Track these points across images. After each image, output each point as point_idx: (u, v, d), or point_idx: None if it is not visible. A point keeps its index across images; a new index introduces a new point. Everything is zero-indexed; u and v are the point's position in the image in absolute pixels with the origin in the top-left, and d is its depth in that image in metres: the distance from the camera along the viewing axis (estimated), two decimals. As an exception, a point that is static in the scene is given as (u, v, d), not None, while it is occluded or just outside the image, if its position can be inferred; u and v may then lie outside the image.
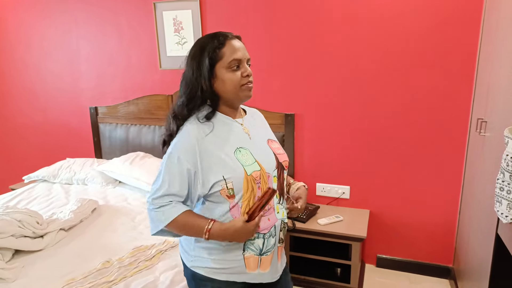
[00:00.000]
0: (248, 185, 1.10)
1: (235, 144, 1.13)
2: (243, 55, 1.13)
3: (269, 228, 1.15)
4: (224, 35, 1.13)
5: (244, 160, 1.11)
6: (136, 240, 1.88)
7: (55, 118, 3.34)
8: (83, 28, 3.02)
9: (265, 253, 1.17)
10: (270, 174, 1.15)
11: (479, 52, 2.13)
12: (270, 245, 1.17)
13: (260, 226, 1.12)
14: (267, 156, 1.17)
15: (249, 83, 1.14)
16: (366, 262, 2.70)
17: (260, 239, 1.15)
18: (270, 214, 1.15)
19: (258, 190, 1.12)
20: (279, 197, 1.18)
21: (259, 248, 1.16)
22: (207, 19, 2.66)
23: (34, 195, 2.55)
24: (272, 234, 1.16)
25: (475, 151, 2.07)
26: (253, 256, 1.16)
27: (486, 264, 1.61)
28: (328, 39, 2.40)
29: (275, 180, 1.16)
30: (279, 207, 1.17)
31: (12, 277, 1.57)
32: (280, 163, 1.19)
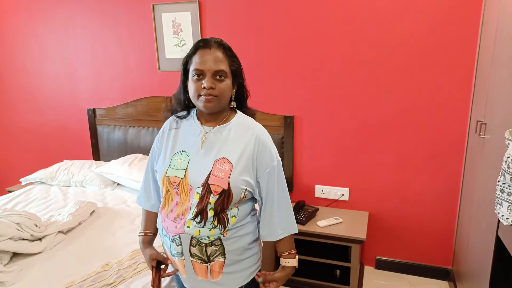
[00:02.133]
0: (164, 185, 1.18)
1: (182, 147, 1.20)
2: (208, 66, 1.11)
3: (173, 233, 1.17)
4: (198, 44, 1.16)
5: (175, 163, 1.18)
6: (135, 242, 1.87)
7: (53, 120, 3.32)
8: (81, 30, 3.01)
9: (173, 255, 1.21)
10: (192, 188, 1.14)
11: (478, 54, 2.14)
12: (176, 250, 1.19)
13: (168, 228, 1.18)
14: (199, 171, 1.14)
15: (205, 95, 1.12)
16: (365, 264, 2.69)
17: (166, 238, 1.21)
18: (179, 224, 1.15)
19: (176, 195, 1.16)
20: (195, 215, 1.12)
21: (167, 246, 1.22)
22: (206, 21, 2.66)
23: (32, 197, 2.53)
24: (176, 242, 1.17)
25: (474, 153, 2.08)
26: (168, 252, 1.24)
27: (486, 266, 1.61)
28: (327, 41, 2.41)
29: (197, 197, 1.13)
30: (191, 222, 1.13)
31: (11, 281, 1.55)
32: (208, 184, 1.12)
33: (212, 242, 1.16)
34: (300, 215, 2.42)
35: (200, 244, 1.16)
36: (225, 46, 1.16)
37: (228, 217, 1.16)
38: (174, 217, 1.17)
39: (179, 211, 1.16)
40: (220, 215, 1.14)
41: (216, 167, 1.14)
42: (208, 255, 1.17)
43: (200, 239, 1.15)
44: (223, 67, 1.13)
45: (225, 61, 1.14)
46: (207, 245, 1.16)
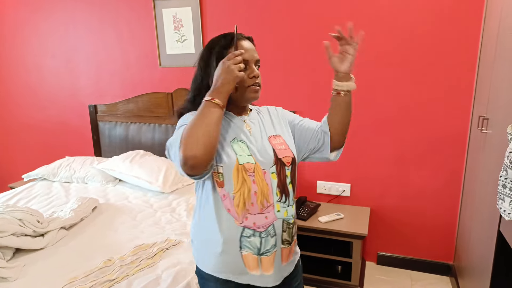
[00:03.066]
0: (239, 175, 1.08)
1: (233, 135, 1.13)
2: (251, 56, 1.11)
3: (265, 226, 1.11)
4: (231, 36, 1.13)
5: (239, 150, 1.10)
6: (137, 238, 1.87)
7: (54, 116, 3.32)
8: (82, 26, 3.00)
9: (264, 253, 1.12)
10: (266, 170, 1.11)
11: (480, 49, 2.13)
12: (270, 245, 1.12)
13: (256, 223, 1.10)
14: (264, 152, 1.13)
15: (256, 84, 1.12)
16: (367, 260, 2.70)
17: (257, 237, 1.11)
18: (269, 212, 1.11)
19: (253, 184, 1.08)
20: (280, 195, 1.12)
21: (256, 247, 1.12)
22: (207, 17, 2.65)
23: (34, 193, 2.54)
24: (270, 234, 1.12)
25: (476, 148, 2.07)
26: (251, 255, 1.12)
27: (488, 261, 1.61)
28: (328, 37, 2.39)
29: (274, 176, 1.12)
30: (280, 205, 1.12)
31: (13, 276, 1.56)
32: (279, 159, 1.14)
33: (294, 221, 1.19)
34: (302, 211, 2.43)
35: (289, 226, 1.17)
36: (249, 38, 1.18)
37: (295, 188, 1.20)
38: (259, 209, 1.10)
39: (261, 200, 1.10)
40: (295, 187, 1.18)
41: (273, 143, 1.17)
42: (293, 235, 1.19)
43: (288, 220, 1.16)
44: (258, 57, 1.16)
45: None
46: (292, 225, 1.18)
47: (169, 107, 2.89)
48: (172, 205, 2.29)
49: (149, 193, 2.46)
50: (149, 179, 2.47)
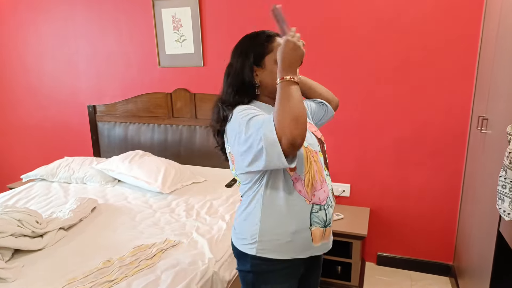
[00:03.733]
0: (307, 157, 1.17)
1: None
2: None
3: (325, 199, 1.21)
4: (271, 34, 1.22)
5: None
6: (136, 239, 1.87)
7: (54, 116, 3.32)
8: (81, 26, 3.00)
9: (328, 224, 1.23)
10: (316, 150, 1.22)
11: (480, 48, 2.13)
12: (331, 214, 1.24)
13: (320, 198, 1.20)
14: (309, 135, 1.23)
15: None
16: (367, 260, 2.70)
17: (322, 211, 1.21)
18: (324, 186, 1.21)
19: (314, 163, 1.19)
20: (327, 169, 1.27)
21: (323, 220, 1.22)
22: (206, 17, 2.65)
23: (33, 194, 2.53)
24: (329, 204, 1.23)
25: (476, 148, 2.07)
26: (318, 229, 1.21)
27: (488, 262, 1.61)
28: (328, 37, 2.39)
29: (320, 154, 1.23)
30: (327, 178, 1.25)
31: (12, 277, 1.55)
32: (319, 138, 1.28)
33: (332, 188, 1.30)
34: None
35: (333, 193, 1.29)
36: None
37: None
38: (320, 185, 1.20)
39: (319, 177, 1.21)
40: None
41: (308, 127, 1.25)
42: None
43: (331, 189, 1.28)
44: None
45: None
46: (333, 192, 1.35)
47: (168, 107, 2.88)
48: (171, 205, 2.28)
49: (148, 194, 2.46)
50: (148, 179, 2.46)
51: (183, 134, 2.89)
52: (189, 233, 1.92)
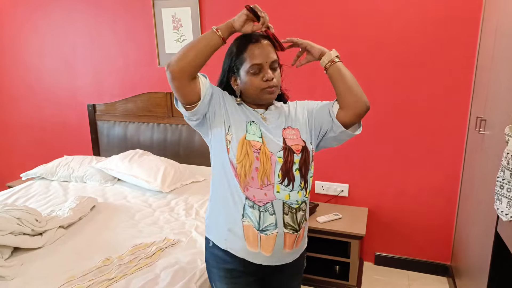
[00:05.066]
0: (243, 148, 1.16)
1: (250, 119, 1.22)
2: (264, 58, 1.17)
3: (264, 202, 1.16)
4: (248, 41, 1.19)
5: (250, 130, 1.19)
6: (135, 238, 1.87)
7: (53, 115, 3.32)
8: (80, 25, 3.00)
9: (264, 230, 1.17)
10: (273, 153, 1.17)
11: (478, 49, 2.14)
12: (268, 222, 1.17)
13: (255, 196, 1.16)
14: (273, 139, 1.20)
15: (269, 87, 1.18)
16: (365, 260, 2.71)
17: (256, 210, 1.16)
18: (268, 190, 1.16)
19: (256, 160, 1.15)
20: (282, 177, 1.17)
21: (256, 220, 1.17)
22: (206, 16, 2.65)
23: (32, 192, 2.53)
24: (268, 211, 1.16)
25: (474, 149, 2.08)
26: (252, 228, 1.17)
27: (485, 262, 1.62)
28: (327, 37, 2.40)
29: (280, 160, 1.18)
30: (280, 187, 1.17)
31: (11, 275, 1.55)
32: (288, 146, 1.20)
33: (300, 207, 1.20)
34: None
35: (291, 210, 1.18)
36: (269, 38, 1.21)
37: (309, 177, 1.23)
38: (259, 184, 1.16)
39: (262, 177, 1.16)
40: (306, 175, 1.20)
41: (285, 134, 1.22)
42: (298, 222, 1.20)
43: (290, 204, 1.18)
44: (275, 56, 1.20)
45: (273, 50, 1.21)
46: (297, 210, 1.20)
47: (167, 107, 2.89)
48: (171, 204, 2.29)
49: (148, 193, 2.47)
50: (148, 178, 2.47)
51: (182, 133, 2.90)
52: (188, 232, 1.93)
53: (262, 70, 1.17)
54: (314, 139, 1.27)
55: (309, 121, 1.27)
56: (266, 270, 1.24)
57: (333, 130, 1.23)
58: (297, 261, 1.30)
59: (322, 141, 1.28)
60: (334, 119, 1.21)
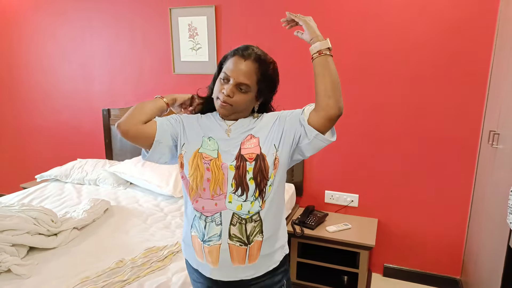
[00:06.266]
0: (193, 161, 1.17)
1: (209, 134, 1.22)
2: (235, 75, 1.15)
3: (213, 212, 1.15)
4: (238, 50, 1.20)
5: (206, 145, 1.20)
6: (148, 241, 1.90)
7: (68, 119, 3.39)
8: (98, 33, 3.08)
9: (207, 241, 1.16)
10: (225, 163, 1.16)
11: (492, 63, 2.15)
12: (213, 233, 1.15)
13: (204, 207, 1.16)
14: (231, 149, 1.18)
15: (222, 100, 1.17)
16: (373, 271, 2.70)
17: (202, 220, 1.16)
18: (220, 200, 1.15)
19: (207, 171, 1.15)
20: (235, 187, 1.14)
21: (201, 230, 1.17)
22: (222, 26, 2.71)
23: (47, 194, 2.58)
24: (215, 221, 1.15)
25: (486, 163, 2.08)
26: (197, 239, 1.19)
27: (497, 277, 1.61)
28: (341, 47, 2.43)
29: (231, 168, 1.15)
30: (232, 196, 1.14)
31: (27, 274, 1.59)
32: (241, 155, 1.16)
33: (252, 218, 1.15)
34: (310, 220, 2.44)
35: (241, 221, 1.15)
36: (262, 62, 1.18)
37: (267, 186, 1.16)
38: (211, 194, 1.15)
39: (214, 187, 1.15)
40: (261, 184, 1.15)
41: (244, 144, 1.18)
42: (248, 234, 1.15)
43: (240, 215, 1.15)
44: (248, 82, 1.15)
45: (254, 77, 1.16)
46: (247, 221, 1.15)
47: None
48: (182, 209, 2.31)
49: (160, 197, 2.50)
50: (160, 183, 2.50)
51: (194, 139, 2.93)
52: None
53: (228, 83, 1.16)
54: (285, 147, 1.18)
55: (279, 129, 1.19)
56: (228, 286, 1.21)
57: (306, 136, 1.15)
58: (265, 282, 1.22)
59: (297, 149, 1.19)
60: (305, 123, 1.14)
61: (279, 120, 1.21)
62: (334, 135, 1.18)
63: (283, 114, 1.23)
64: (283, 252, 1.26)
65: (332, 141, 1.16)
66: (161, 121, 1.24)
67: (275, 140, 1.18)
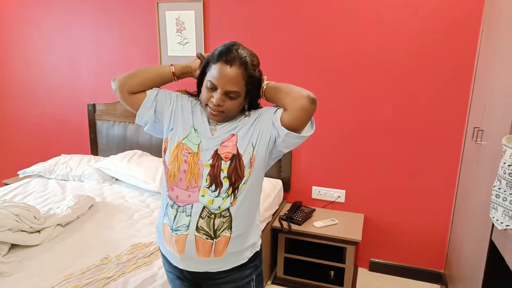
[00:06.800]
0: (174, 151, 1.19)
1: (197, 126, 1.23)
2: (222, 84, 1.12)
3: (185, 203, 1.17)
4: (221, 56, 1.13)
5: (192, 137, 1.21)
6: (133, 237, 1.88)
7: (53, 113, 3.32)
8: (85, 25, 3.02)
9: (175, 230, 1.17)
10: (202, 160, 1.17)
11: (477, 60, 2.18)
12: (182, 223, 1.16)
13: (178, 197, 1.18)
14: (210, 148, 1.19)
15: (212, 109, 1.16)
16: (359, 266, 2.73)
17: (174, 209, 1.18)
18: (193, 192, 1.16)
19: (184, 163, 1.17)
20: (209, 182, 1.16)
21: (171, 218, 1.19)
22: (210, 21, 2.68)
23: (30, 190, 2.53)
24: (186, 212, 1.16)
25: (470, 159, 2.12)
26: (167, 227, 1.20)
27: (479, 270, 1.65)
28: (329, 43, 2.44)
29: (207, 165, 1.17)
30: (206, 191, 1.16)
31: (9, 271, 1.55)
32: (217, 154, 1.17)
33: (221, 213, 1.16)
34: (297, 216, 2.45)
35: (210, 215, 1.16)
36: (247, 64, 1.14)
37: (241, 184, 1.17)
38: (186, 185, 1.17)
39: (190, 179, 1.17)
40: (235, 183, 1.15)
41: (223, 143, 1.19)
42: (215, 229, 1.16)
43: (210, 209, 1.16)
44: (237, 88, 1.14)
45: (241, 82, 1.14)
46: (216, 216, 1.16)
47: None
48: (169, 205, 2.29)
49: (146, 193, 2.47)
50: (146, 179, 2.47)
51: (182, 135, 2.91)
52: (186, 233, 1.93)
53: (215, 91, 1.14)
54: (262, 146, 1.19)
55: (257, 128, 1.20)
56: (194, 276, 1.23)
57: (279, 135, 1.16)
58: (232, 277, 1.23)
59: (274, 147, 1.20)
60: (277, 123, 1.16)
61: (259, 119, 1.22)
62: (313, 128, 1.20)
63: (263, 111, 1.24)
64: (254, 249, 1.26)
65: (307, 136, 1.17)
66: (150, 96, 1.26)
67: (253, 138, 1.19)
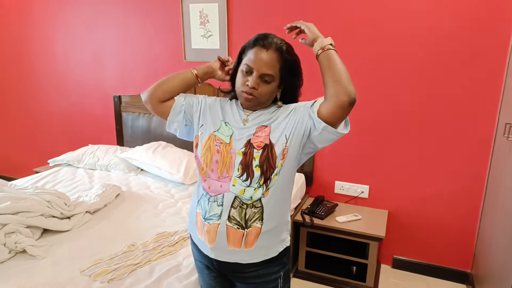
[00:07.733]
0: (207, 143, 1.22)
1: (228, 119, 1.26)
2: (258, 66, 1.15)
3: (217, 193, 1.19)
4: (258, 41, 1.18)
5: (222, 130, 1.23)
6: (159, 226, 1.92)
7: (80, 105, 3.41)
8: (109, 19, 3.08)
9: (208, 219, 1.19)
10: (235, 150, 1.19)
11: (509, 55, 2.10)
12: (213, 212, 1.18)
13: (210, 187, 1.20)
14: (242, 139, 1.20)
15: (247, 93, 1.17)
16: (382, 263, 2.69)
17: (206, 199, 1.21)
18: (225, 182, 1.18)
19: (217, 153, 1.19)
20: (241, 171, 1.16)
21: (204, 208, 1.21)
22: (233, 13, 2.68)
23: (59, 178, 2.62)
24: (217, 202, 1.18)
25: (501, 155, 2.05)
26: (200, 216, 1.23)
27: (509, 271, 1.60)
28: (353, 37, 2.40)
29: (239, 153, 1.18)
30: (237, 180, 1.16)
31: (42, 255, 1.62)
32: (250, 142, 1.18)
33: (253, 204, 1.17)
34: (319, 210, 2.44)
35: (242, 205, 1.17)
36: (282, 50, 1.17)
37: (273, 175, 1.17)
38: (217, 176, 1.19)
39: (222, 169, 1.19)
40: (267, 173, 1.16)
41: (256, 133, 1.20)
42: (246, 219, 1.17)
43: (242, 199, 1.17)
44: (272, 72, 1.16)
45: (276, 66, 1.17)
46: (248, 206, 1.17)
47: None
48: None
49: (170, 184, 2.51)
50: (171, 170, 2.51)
51: (205, 128, 2.94)
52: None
53: (251, 74, 1.17)
54: (296, 139, 1.18)
55: (292, 120, 1.19)
56: (223, 267, 1.25)
57: (315, 128, 1.14)
58: (260, 272, 1.23)
59: (308, 141, 1.19)
60: (313, 115, 1.14)
61: (294, 111, 1.21)
62: (347, 127, 1.16)
63: (298, 105, 1.23)
64: (284, 244, 1.27)
65: (343, 133, 1.15)
66: (178, 102, 1.32)
67: (286, 130, 1.19)
